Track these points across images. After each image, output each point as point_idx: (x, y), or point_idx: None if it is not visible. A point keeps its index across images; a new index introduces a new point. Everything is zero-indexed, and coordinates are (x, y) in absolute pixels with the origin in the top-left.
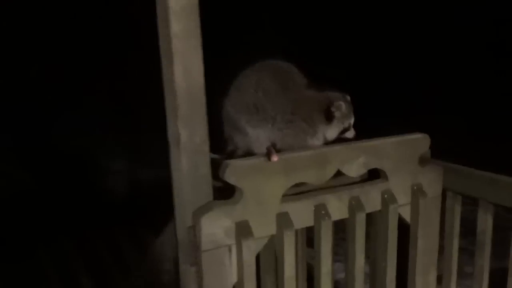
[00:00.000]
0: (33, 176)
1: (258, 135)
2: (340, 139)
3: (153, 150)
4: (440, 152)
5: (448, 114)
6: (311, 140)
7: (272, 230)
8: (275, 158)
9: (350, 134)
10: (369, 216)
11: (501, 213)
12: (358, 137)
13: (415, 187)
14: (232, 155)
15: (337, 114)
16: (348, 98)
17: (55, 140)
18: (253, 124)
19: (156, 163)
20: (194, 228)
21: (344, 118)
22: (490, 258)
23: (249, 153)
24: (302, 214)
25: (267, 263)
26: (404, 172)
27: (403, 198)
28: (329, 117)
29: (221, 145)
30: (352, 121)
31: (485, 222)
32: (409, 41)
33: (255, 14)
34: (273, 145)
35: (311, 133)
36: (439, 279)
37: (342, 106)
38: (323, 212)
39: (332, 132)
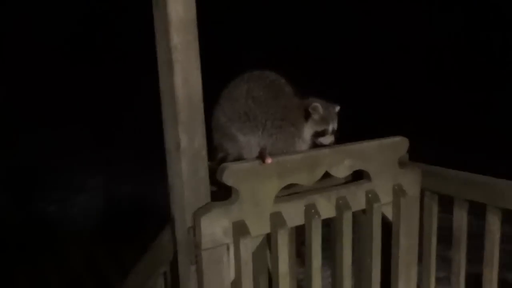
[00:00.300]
0: (8, 194)
1: (249, 141)
2: (317, 145)
3: (126, 167)
4: (418, 154)
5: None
6: (299, 143)
7: (267, 229)
8: (269, 160)
9: (326, 140)
10: (353, 217)
11: (473, 221)
12: (343, 140)
13: (396, 187)
14: (222, 162)
15: (314, 115)
16: (336, 108)
17: (30, 159)
18: (245, 131)
19: (130, 179)
20: (194, 228)
21: (320, 121)
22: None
23: (239, 159)
24: (294, 213)
25: (260, 263)
26: (386, 173)
27: (385, 197)
28: (306, 116)
29: (210, 152)
30: (330, 128)
31: (461, 219)
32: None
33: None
34: (263, 149)
35: (298, 135)
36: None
37: (318, 108)
38: (313, 211)
39: (306, 131)
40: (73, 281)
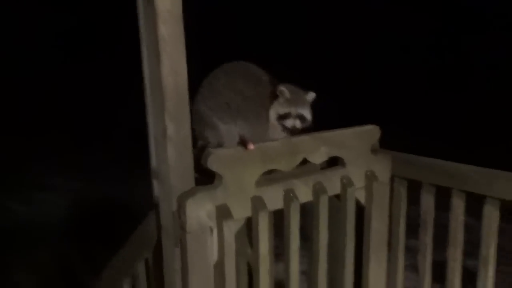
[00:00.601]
0: None
1: (230, 130)
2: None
3: (99, 168)
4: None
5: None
6: (272, 128)
7: (248, 212)
8: (251, 146)
9: (288, 123)
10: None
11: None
12: (319, 129)
13: (368, 173)
14: (202, 150)
15: (280, 98)
16: (309, 95)
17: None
18: (225, 120)
19: (102, 180)
20: (179, 212)
21: (284, 104)
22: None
23: (219, 147)
24: (273, 197)
25: (240, 246)
26: (359, 159)
27: (358, 182)
28: (272, 99)
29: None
30: (293, 111)
31: (428, 202)
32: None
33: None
34: (244, 136)
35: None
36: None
37: (284, 92)
38: (291, 195)
39: (271, 113)
40: (44, 280)
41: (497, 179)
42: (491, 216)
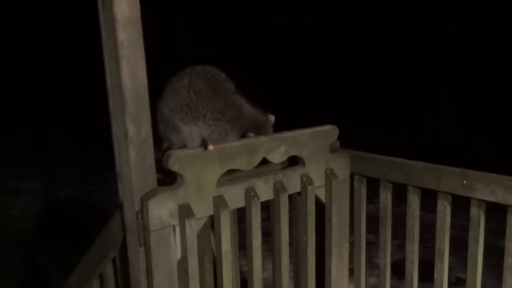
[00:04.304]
0: None
1: (191, 131)
2: None
3: (63, 169)
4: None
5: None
6: (231, 138)
7: (210, 211)
8: (211, 147)
9: None
10: (290, 201)
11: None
12: (279, 129)
13: (328, 171)
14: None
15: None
16: (271, 119)
17: None
18: (186, 121)
19: (69, 180)
20: (142, 212)
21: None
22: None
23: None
24: (235, 196)
25: (205, 243)
26: (318, 158)
27: (318, 180)
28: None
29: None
30: None
31: (386, 198)
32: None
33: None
34: (204, 139)
35: (232, 134)
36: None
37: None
38: (252, 194)
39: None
40: (15, 283)
41: (445, 174)
42: (444, 211)
